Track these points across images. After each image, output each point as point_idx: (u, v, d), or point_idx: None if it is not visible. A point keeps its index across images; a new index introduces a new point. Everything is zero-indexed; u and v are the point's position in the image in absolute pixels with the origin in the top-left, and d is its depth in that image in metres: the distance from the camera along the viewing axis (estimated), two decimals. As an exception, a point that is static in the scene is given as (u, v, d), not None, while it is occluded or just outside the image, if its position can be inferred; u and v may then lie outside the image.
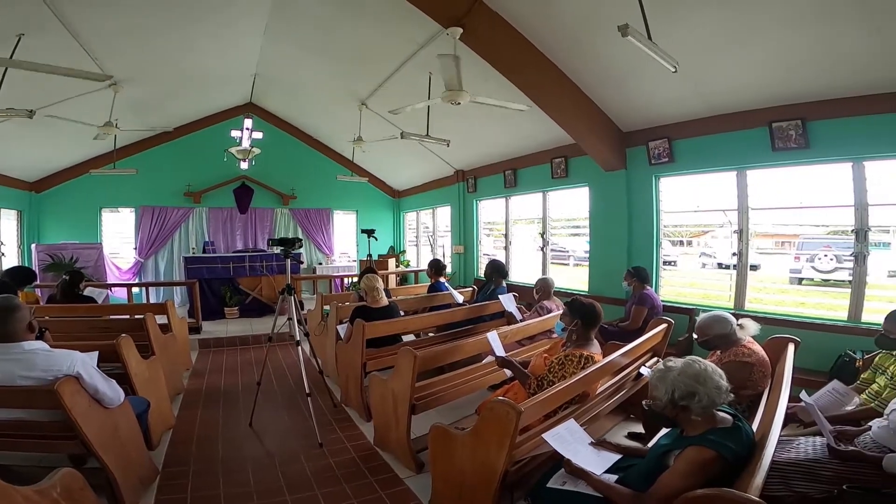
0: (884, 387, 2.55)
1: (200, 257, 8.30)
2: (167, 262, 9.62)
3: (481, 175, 8.29)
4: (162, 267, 9.57)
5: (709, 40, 3.78)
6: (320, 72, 6.89)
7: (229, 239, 10.08)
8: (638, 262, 5.13)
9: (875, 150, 3.74)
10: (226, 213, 10.07)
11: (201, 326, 6.69)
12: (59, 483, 1.52)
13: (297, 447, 3.30)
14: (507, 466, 2.10)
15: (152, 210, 9.37)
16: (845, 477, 1.94)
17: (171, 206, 9.53)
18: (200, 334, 6.49)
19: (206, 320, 7.07)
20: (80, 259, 7.89)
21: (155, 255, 9.52)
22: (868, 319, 3.79)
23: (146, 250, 9.36)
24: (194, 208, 9.76)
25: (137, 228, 9.36)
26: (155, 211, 9.40)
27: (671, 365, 1.87)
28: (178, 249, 9.60)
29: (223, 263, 8.01)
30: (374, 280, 4.16)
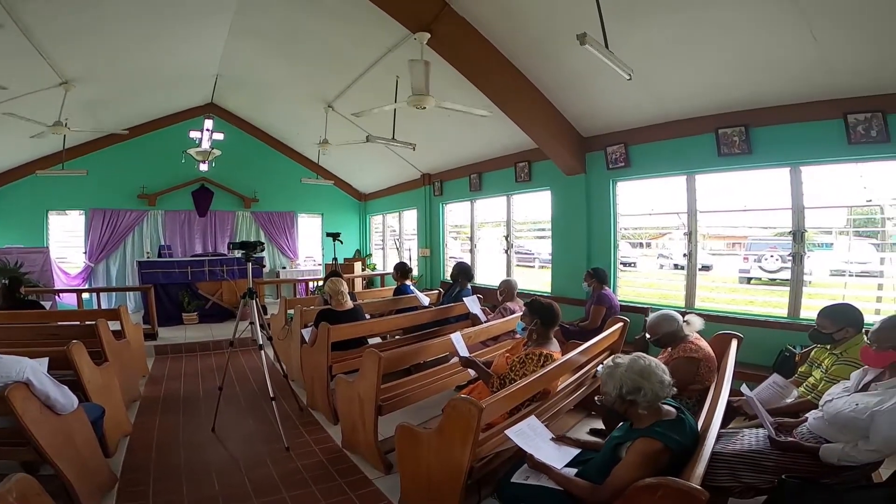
0: (819, 380, 2.65)
1: (156, 262, 8.01)
2: (119, 267, 9.22)
3: (447, 178, 8.36)
4: (114, 272, 9.16)
5: (662, 49, 3.94)
6: (286, 73, 6.79)
7: (187, 243, 9.75)
8: (597, 264, 5.31)
9: (811, 156, 4.02)
10: (183, 216, 9.74)
11: (157, 333, 6.47)
12: (15, 488, 1.47)
13: (263, 451, 3.26)
14: (471, 463, 2.15)
15: (103, 213, 8.96)
16: (786, 467, 2.03)
17: (123, 209, 9.14)
18: (157, 340, 6.29)
19: (162, 326, 6.84)
20: (25, 264, 7.43)
21: (106, 260, 9.11)
22: (806, 316, 4.05)
23: (97, 255, 8.93)
24: (149, 211, 9.40)
25: (87, 232, 8.93)
26: (106, 214, 8.99)
27: (619, 362, 1.97)
28: (131, 254, 9.22)
29: (180, 268, 7.76)
30: (338, 283, 4.15)
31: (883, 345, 2.05)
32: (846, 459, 1.90)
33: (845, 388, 2.15)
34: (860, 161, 3.84)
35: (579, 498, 1.86)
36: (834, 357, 2.61)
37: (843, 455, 1.91)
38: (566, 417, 3.44)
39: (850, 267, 4.41)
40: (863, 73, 3.51)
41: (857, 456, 1.88)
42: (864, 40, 3.25)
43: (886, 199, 3.97)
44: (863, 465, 1.93)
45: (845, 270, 4.42)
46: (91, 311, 5.50)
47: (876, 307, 3.97)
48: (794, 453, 2.05)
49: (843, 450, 1.91)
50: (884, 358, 2.04)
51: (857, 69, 3.50)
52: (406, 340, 4.62)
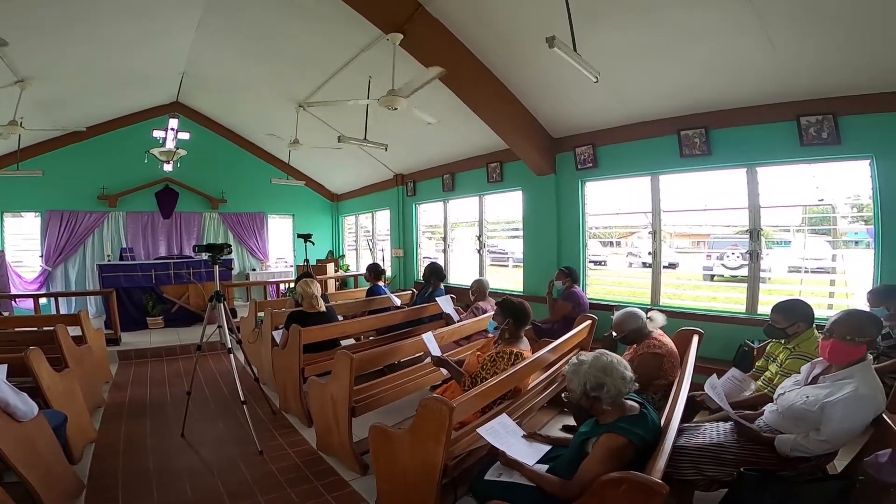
0: (774, 373, 2.73)
1: (117, 265, 7.73)
2: (79, 271, 8.83)
3: (420, 179, 8.35)
4: (73, 276, 8.77)
5: (628, 52, 4.04)
6: (256, 72, 6.65)
7: (150, 245, 9.43)
8: (567, 263, 5.42)
9: (765, 157, 4.21)
10: (146, 217, 9.42)
11: (121, 338, 6.27)
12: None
13: (236, 455, 3.21)
14: (445, 461, 2.16)
15: (61, 214, 8.56)
16: (745, 460, 2.08)
17: (82, 211, 8.75)
18: (120, 346, 6.09)
19: (126, 331, 6.61)
20: (-24, 269, 7.08)
21: (64, 264, 8.71)
22: (763, 311, 4.21)
23: (54, 258, 8.53)
24: (109, 213, 9.04)
25: (44, 234, 8.51)
26: (64, 216, 8.59)
27: (583, 359, 2.02)
28: (91, 257, 8.84)
29: (144, 271, 7.51)
30: (310, 285, 4.10)
31: (858, 341, 2.05)
32: (798, 450, 1.97)
33: (796, 381, 2.23)
34: (812, 162, 4.04)
35: (550, 493, 1.88)
36: (787, 351, 2.70)
37: (796, 445, 1.98)
38: (539, 415, 3.49)
39: (806, 263, 4.64)
40: (815, 76, 3.69)
41: (808, 446, 1.95)
42: (818, 45, 3.41)
43: (838, 198, 4.19)
44: (817, 457, 2.00)
45: (801, 267, 4.64)
46: (50, 317, 5.30)
47: (829, 302, 4.19)
48: (754, 446, 2.11)
49: (796, 440, 1.98)
50: (855, 352, 2.04)
51: (810, 73, 3.67)
52: (379, 341, 4.60)
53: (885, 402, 1.99)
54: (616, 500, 1.52)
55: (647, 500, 1.48)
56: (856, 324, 2.04)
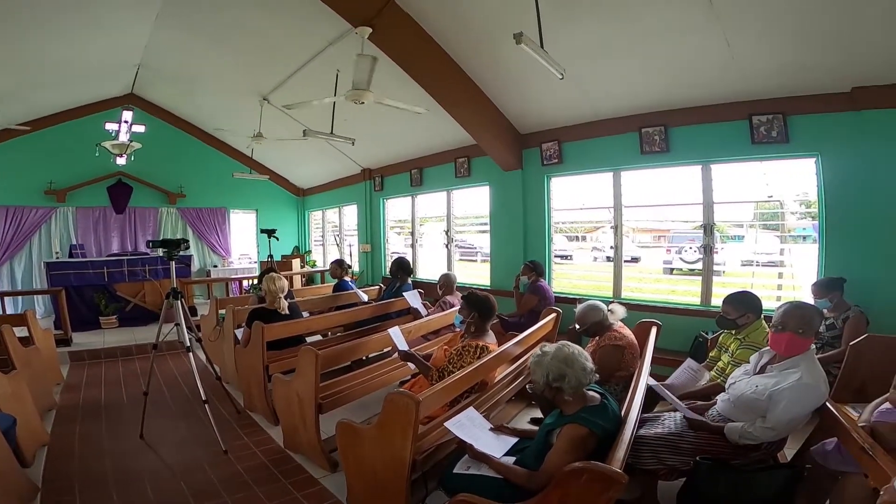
0: (727, 363, 2.81)
1: (66, 262, 7.34)
2: (25, 269, 8.34)
3: (388, 174, 8.29)
4: (19, 274, 8.28)
5: (593, 50, 4.10)
6: (218, 64, 6.41)
7: (102, 241, 9.01)
8: (533, 257, 5.49)
9: (719, 154, 4.38)
10: (98, 212, 8.97)
11: (72, 338, 5.99)
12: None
13: (200, 456, 3.12)
14: (414, 456, 2.16)
15: (5, 210, 8.04)
16: (701, 449, 2.13)
17: (28, 206, 8.26)
18: (71, 346, 5.82)
19: (77, 331, 6.30)
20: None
21: (10, 262, 8.20)
22: (716, 303, 4.38)
23: (-3, 256, 8.03)
24: (58, 208, 8.56)
25: (-15, 231, 8.00)
26: (8, 211, 8.07)
27: (546, 350, 2.04)
28: (38, 254, 8.36)
29: (95, 269, 7.15)
30: (275, 281, 4.01)
31: (808, 333, 2.12)
32: (746, 437, 2.05)
33: (745, 370, 2.31)
34: (763, 159, 4.24)
35: (518, 484, 1.90)
36: (738, 341, 2.80)
37: (743, 433, 2.05)
38: (507, 407, 3.53)
39: (757, 257, 4.86)
40: (767, 77, 3.85)
41: (755, 433, 2.03)
42: (771, 47, 3.56)
43: (787, 195, 4.41)
44: (767, 445, 2.08)
45: (753, 261, 4.86)
46: (-8, 318, 4.99)
47: (777, 294, 4.41)
48: (708, 434, 2.18)
49: (743, 428, 2.06)
50: (804, 344, 2.11)
51: (763, 74, 3.83)
52: (346, 337, 4.56)
53: (829, 391, 2.09)
54: (578, 490, 1.54)
55: (608, 489, 1.50)
56: (806, 317, 2.13)
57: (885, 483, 1.38)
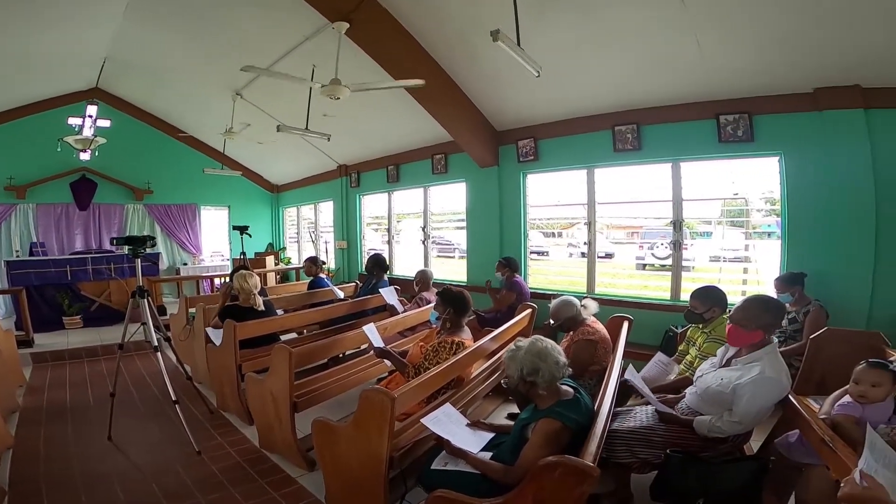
0: (694, 357, 2.85)
1: (27, 261, 7.01)
2: (-19, 269, 7.94)
3: (364, 170, 8.22)
4: (-25, 274, 7.87)
5: (570, 48, 4.13)
6: (190, 58, 6.21)
7: (65, 239, 8.65)
8: (509, 253, 5.54)
9: (688, 153, 4.50)
10: (60, 209, 8.61)
11: (34, 339, 5.76)
12: None
13: (172, 457, 3.05)
14: (391, 453, 2.15)
15: (-40, 207, 7.66)
16: (672, 442, 2.16)
17: (-15, 202, 7.87)
18: (33, 347, 5.61)
19: (39, 332, 6.07)
20: None
21: (-35, 261, 7.79)
22: (685, 298, 4.50)
23: (-49, 255, 7.62)
24: (17, 205, 8.17)
25: (-60, 229, 7.58)
26: (-36, 208, 7.69)
27: (520, 345, 2.06)
28: (-4, 252, 7.99)
29: (57, 267, 6.85)
30: (247, 279, 3.92)
31: (749, 325, 2.17)
32: (714, 431, 2.08)
33: (712, 363, 2.35)
34: (729, 158, 4.37)
35: (494, 479, 1.90)
36: (705, 335, 2.86)
37: (712, 427, 2.09)
38: (485, 403, 3.56)
39: (724, 253, 5.01)
40: (735, 77, 3.96)
41: (722, 427, 2.07)
42: (739, 47, 3.65)
43: (752, 192, 4.55)
44: (734, 438, 2.13)
45: (721, 256, 5.01)
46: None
47: (742, 289, 4.56)
48: (678, 427, 2.22)
49: (712, 422, 2.10)
50: (751, 337, 2.16)
51: (731, 74, 3.94)
52: (322, 335, 4.50)
53: (791, 384, 2.15)
54: (552, 484, 1.55)
55: (581, 482, 1.52)
56: (749, 310, 2.19)
57: (846, 475, 1.39)
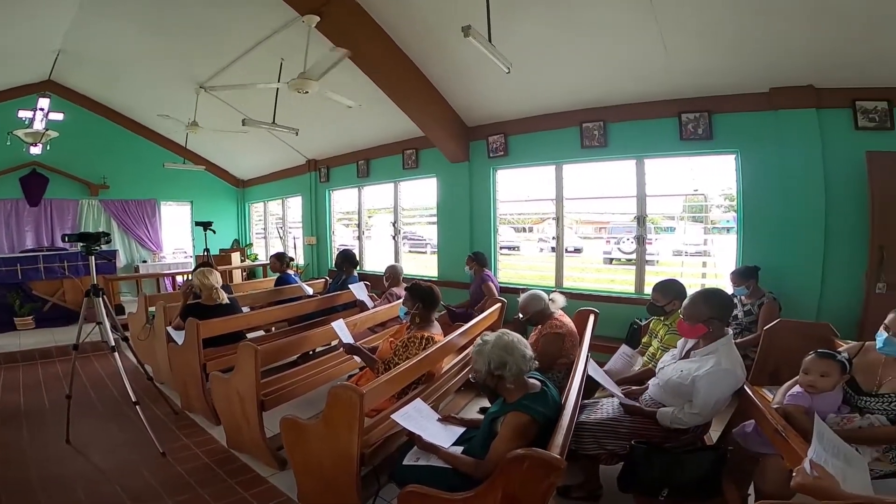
0: (657, 349, 2.92)
1: (-27, 260, 6.60)
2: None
3: (334, 164, 8.10)
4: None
5: (539, 45, 4.16)
6: (150, 50, 5.93)
7: (15, 236, 8.21)
8: (479, 248, 5.58)
9: (651, 150, 4.63)
10: (9, 205, 8.17)
11: (-19, 342, 5.41)
12: None
13: (135, 459, 2.95)
14: (362, 450, 2.14)
15: None
16: (637, 433, 2.20)
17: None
18: (-17, 350, 5.27)
19: (-12, 335, 5.71)
20: None
21: None
22: (648, 291, 4.66)
23: None
24: (-37, 201, 7.70)
25: None
26: None
27: (487, 338, 2.07)
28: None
29: (7, 266, 6.48)
30: (207, 276, 3.81)
31: (692, 319, 2.23)
32: (676, 422, 2.14)
33: (672, 355, 2.41)
34: (690, 155, 4.52)
35: (465, 473, 1.91)
36: (666, 327, 2.94)
37: (674, 418, 2.15)
38: (457, 398, 3.56)
39: (686, 248, 5.19)
40: (697, 76, 4.09)
41: (683, 419, 2.12)
42: (702, 48, 3.77)
43: (712, 189, 4.72)
44: (695, 428, 2.19)
45: (683, 251, 5.19)
46: None
47: (702, 282, 4.74)
48: (643, 419, 2.25)
49: (674, 413, 2.15)
50: (696, 330, 2.22)
51: (693, 73, 4.07)
52: (291, 332, 4.41)
53: (746, 375, 2.21)
54: (521, 477, 1.56)
55: (548, 474, 1.53)
56: (692, 304, 2.26)
57: (798, 464, 1.41)
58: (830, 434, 1.50)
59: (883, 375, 1.92)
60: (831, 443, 1.47)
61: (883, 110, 3.62)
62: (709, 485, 2.02)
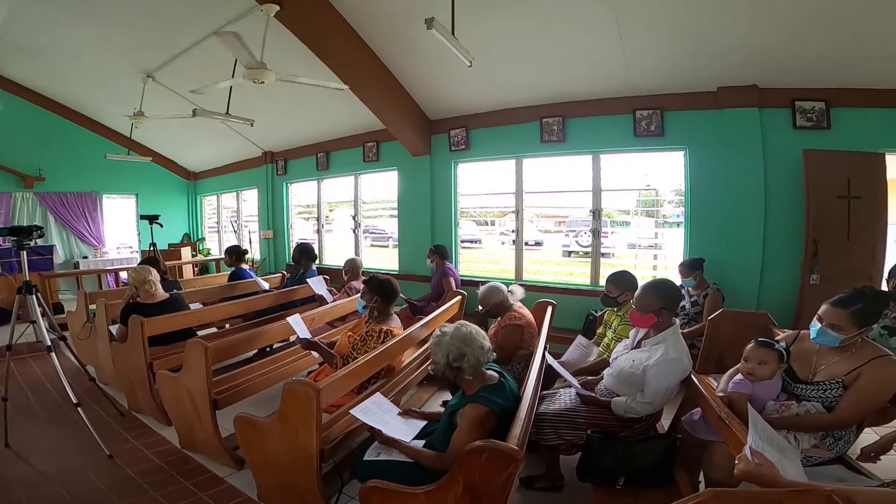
0: (611, 339, 2.97)
1: None
2: None
3: (292, 157, 7.88)
4: None
5: (502, 39, 4.17)
6: (95, 39, 5.53)
7: (-60, 231, 7.49)
8: (440, 241, 5.57)
9: (607, 145, 4.77)
10: (-66, 197, 7.46)
11: None
12: None
13: (80, 462, 2.80)
14: (321, 446, 2.10)
15: None
16: (593, 423, 2.23)
17: None
18: None
19: None
20: None
21: None
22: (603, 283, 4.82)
23: None
24: None
25: None
26: None
27: (445, 331, 2.05)
28: None
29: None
30: (144, 272, 3.61)
31: (643, 309, 2.28)
32: (630, 411, 2.20)
33: (625, 346, 2.47)
34: (643, 151, 4.68)
35: (427, 467, 1.90)
36: (619, 318, 3.02)
37: (628, 408, 2.20)
38: (420, 392, 3.55)
39: (640, 241, 5.38)
40: (650, 74, 4.22)
41: (636, 408, 2.18)
42: (657, 46, 3.89)
43: (663, 184, 4.92)
44: (647, 417, 2.25)
45: (637, 244, 5.37)
46: None
47: (653, 274, 4.93)
48: (599, 409, 2.29)
49: (627, 403, 2.21)
50: (647, 320, 2.27)
51: (649, 71, 4.20)
52: (247, 328, 4.27)
53: (692, 364, 2.28)
54: (480, 468, 1.56)
55: (507, 465, 1.54)
56: (643, 295, 2.33)
57: (741, 451, 1.42)
58: (763, 423, 1.53)
59: (817, 363, 1.96)
60: (765, 432, 1.49)
61: (820, 110, 3.87)
62: (662, 472, 2.06)
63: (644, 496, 2.02)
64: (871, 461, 1.84)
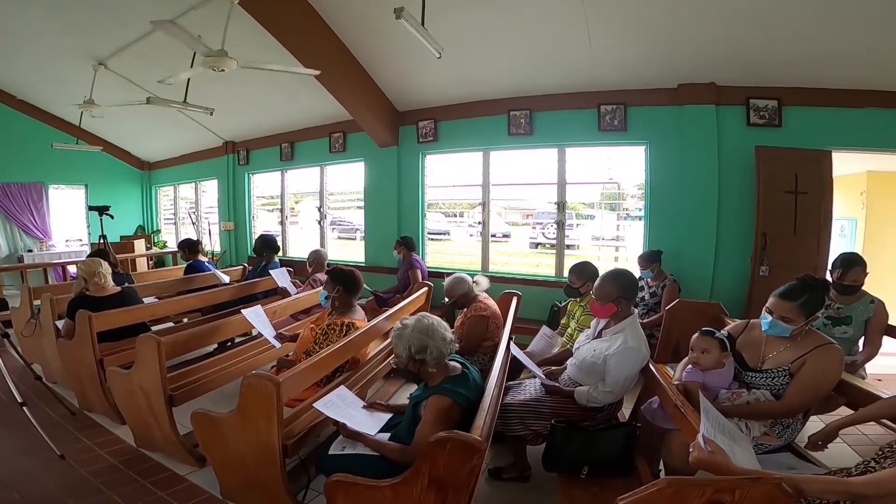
0: (574, 329, 3.02)
1: None
2: None
3: (254, 147, 7.64)
4: None
5: (471, 31, 4.15)
6: (40, 24, 5.14)
7: None
8: (407, 233, 5.53)
9: (572, 139, 4.85)
10: None
11: None
12: None
13: (29, 464, 2.66)
14: (284, 441, 2.06)
15: None
16: (558, 412, 2.25)
17: None
18: None
19: None
20: None
21: None
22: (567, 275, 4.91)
23: None
24: None
25: None
26: None
27: (406, 323, 2.03)
28: None
29: None
30: (94, 265, 3.43)
31: (603, 299, 2.32)
32: (592, 401, 2.23)
33: (587, 335, 2.51)
34: (607, 145, 4.80)
35: (393, 460, 1.89)
36: (581, 308, 3.08)
37: (590, 396, 2.23)
38: (387, 385, 3.51)
39: (603, 233, 5.50)
40: (615, 70, 4.30)
41: (598, 397, 2.22)
42: (622, 42, 3.95)
43: (625, 178, 5.03)
44: (609, 406, 2.29)
45: (600, 237, 5.50)
46: None
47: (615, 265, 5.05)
48: (562, 398, 2.32)
49: (589, 392, 2.24)
50: (606, 309, 2.31)
51: (612, 66, 4.26)
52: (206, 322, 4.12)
53: (650, 353, 2.34)
54: (444, 460, 1.56)
55: (471, 457, 1.54)
56: (602, 284, 2.38)
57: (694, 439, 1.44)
58: (714, 411, 1.56)
59: (766, 352, 2.01)
60: (716, 420, 1.51)
61: (773, 108, 4.04)
62: (623, 461, 2.11)
63: (607, 484, 2.05)
64: (818, 449, 1.89)
